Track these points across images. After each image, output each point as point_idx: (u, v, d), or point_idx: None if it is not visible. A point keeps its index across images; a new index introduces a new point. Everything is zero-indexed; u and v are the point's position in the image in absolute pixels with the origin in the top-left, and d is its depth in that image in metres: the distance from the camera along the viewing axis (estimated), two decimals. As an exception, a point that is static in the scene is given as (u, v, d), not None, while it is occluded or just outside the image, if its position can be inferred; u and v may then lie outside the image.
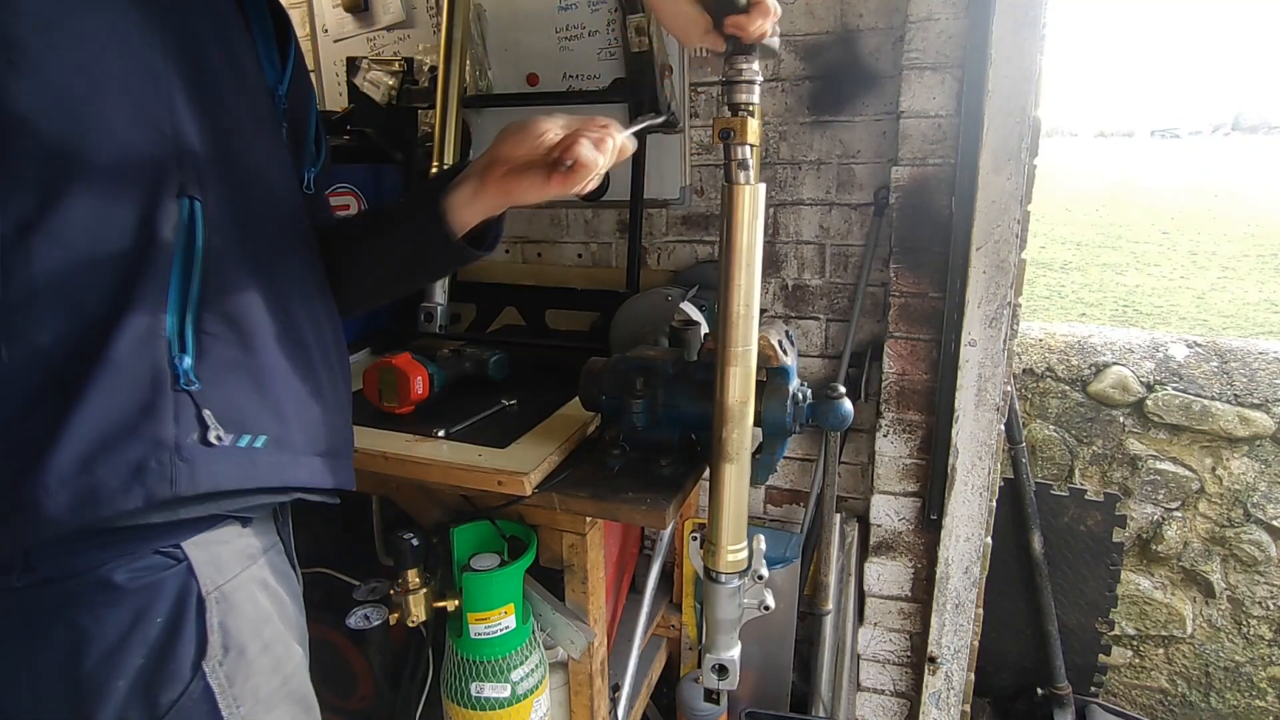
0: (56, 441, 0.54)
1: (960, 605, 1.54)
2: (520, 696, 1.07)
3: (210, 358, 0.61)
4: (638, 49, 1.50)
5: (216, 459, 0.61)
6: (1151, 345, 1.78)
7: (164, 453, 0.58)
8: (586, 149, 0.67)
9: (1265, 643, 1.76)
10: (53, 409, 0.55)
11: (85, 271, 0.56)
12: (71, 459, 0.54)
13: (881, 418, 1.54)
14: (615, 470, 1.07)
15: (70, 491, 0.54)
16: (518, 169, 0.72)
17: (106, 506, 0.56)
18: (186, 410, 0.60)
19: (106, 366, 0.56)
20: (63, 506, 0.54)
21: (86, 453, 0.55)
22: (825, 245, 1.60)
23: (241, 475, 0.63)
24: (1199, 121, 15.00)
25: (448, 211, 0.74)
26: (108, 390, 0.56)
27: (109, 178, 0.57)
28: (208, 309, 0.62)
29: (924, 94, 1.38)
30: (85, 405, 0.55)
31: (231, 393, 0.63)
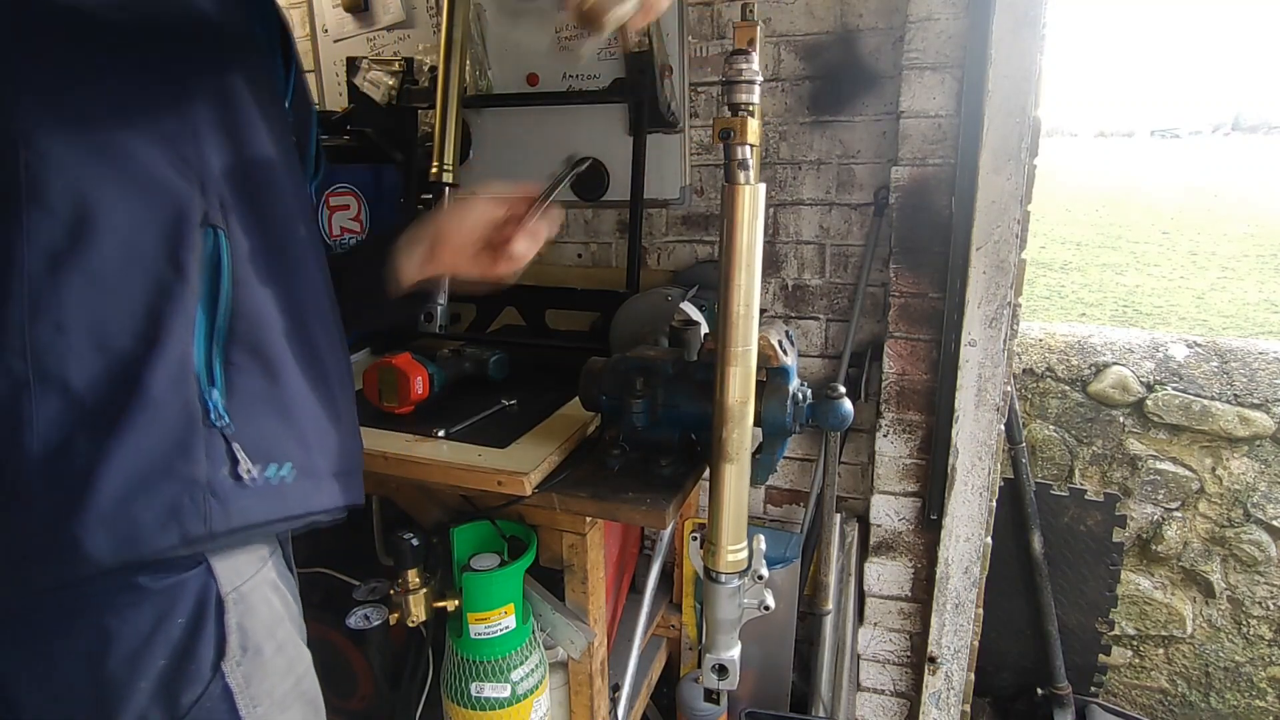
0: (94, 481, 0.54)
1: (960, 605, 1.54)
2: (520, 696, 1.07)
3: (238, 390, 0.62)
4: (638, 49, 1.50)
5: (247, 494, 0.62)
6: (1151, 345, 1.78)
7: (198, 491, 0.59)
8: (522, 245, 0.81)
9: (1265, 643, 1.76)
10: (88, 448, 0.55)
11: (114, 306, 0.56)
12: (110, 499, 0.55)
13: (881, 418, 1.54)
14: (615, 470, 1.06)
15: (109, 532, 0.55)
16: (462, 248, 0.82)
17: (144, 546, 0.57)
18: (217, 446, 0.60)
19: (140, 404, 0.56)
20: (102, 546, 0.55)
21: (124, 493, 0.56)
22: (825, 245, 1.60)
23: (271, 508, 0.64)
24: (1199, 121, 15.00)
25: (396, 273, 0.82)
26: (142, 429, 0.56)
27: (135, 209, 0.57)
28: (234, 341, 0.62)
29: (924, 94, 1.38)
30: (121, 445, 0.55)
31: (259, 424, 0.63)
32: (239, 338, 0.62)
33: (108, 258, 0.56)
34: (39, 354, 0.53)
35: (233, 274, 0.62)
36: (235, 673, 0.64)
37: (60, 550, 0.54)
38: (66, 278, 0.54)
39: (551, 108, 1.63)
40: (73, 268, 0.54)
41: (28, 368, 0.53)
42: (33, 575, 0.55)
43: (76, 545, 0.54)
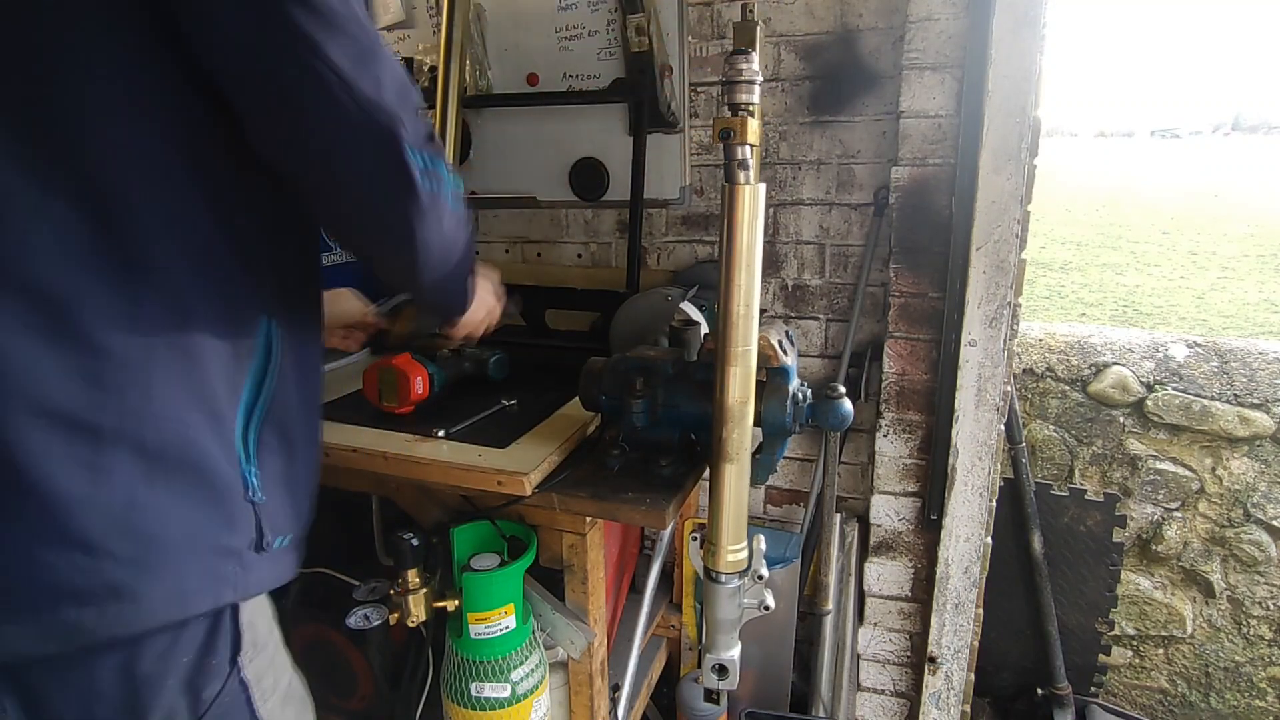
0: (161, 542, 0.59)
1: (960, 605, 1.54)
2: (520, 696, 1.07)
3: (265, 468, 0.67)
4: (638, 49, 1.50)
5: (264, 564, 0.68)
6: (1151, 345, 1.78)
7: (231, 562, 0.64)
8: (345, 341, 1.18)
9: (1265, 643, 1.76)
10: (155, 510, 0.59)
11: (191, 382, 0.61)
12: (171, 561, 0.60)
13: (881, 418, 1.54)
14: (615, 470, 1.06)
15: (165, 590, 0.60)
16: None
17: (188, 607, 0.62)
18: (249, 520, 0.66)
19: (199, 475, 0.61)
20: (158, 605, 0.59)
21: (180, 557, 0.60)
22: (825, 245, 1.60)
23: (277, 576, 0.70)
24: (1199, 121, 14.99)
25: None
26: (199, 499, 0.62)
27: (220, 301, 0.63)
28: (268, 421, 0.67)
29: (924, 94, 1.38)
30: (181, 512, 0.60)
31: (277, 500, 0.69)
32: (272, 420, 0.68)
33: (193, 341, 0.61)
34: (126, 416, 0.57)
35: (279, 360, 0.68)
36: (249, 667, 0.68)
37: (123, 604, 0.57)
38: (161, 353, 0.59)
39: (551, 108, 1.63)
40: (168, 345, 0.59)
41: (123, 427, 0.57)
42: (87, 624, 0.57)
43: (139, 601, 0.58)
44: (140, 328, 0.58)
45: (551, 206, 1.77)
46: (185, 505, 0.61)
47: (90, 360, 0.56)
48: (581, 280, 1.70)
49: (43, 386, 0.54)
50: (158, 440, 0.59)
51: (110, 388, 0.57)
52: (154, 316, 0.58)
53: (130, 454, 0.57)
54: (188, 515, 0.61)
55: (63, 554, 0.55)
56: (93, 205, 0.56)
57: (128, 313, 0.57)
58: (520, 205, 1.77)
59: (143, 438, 0.58)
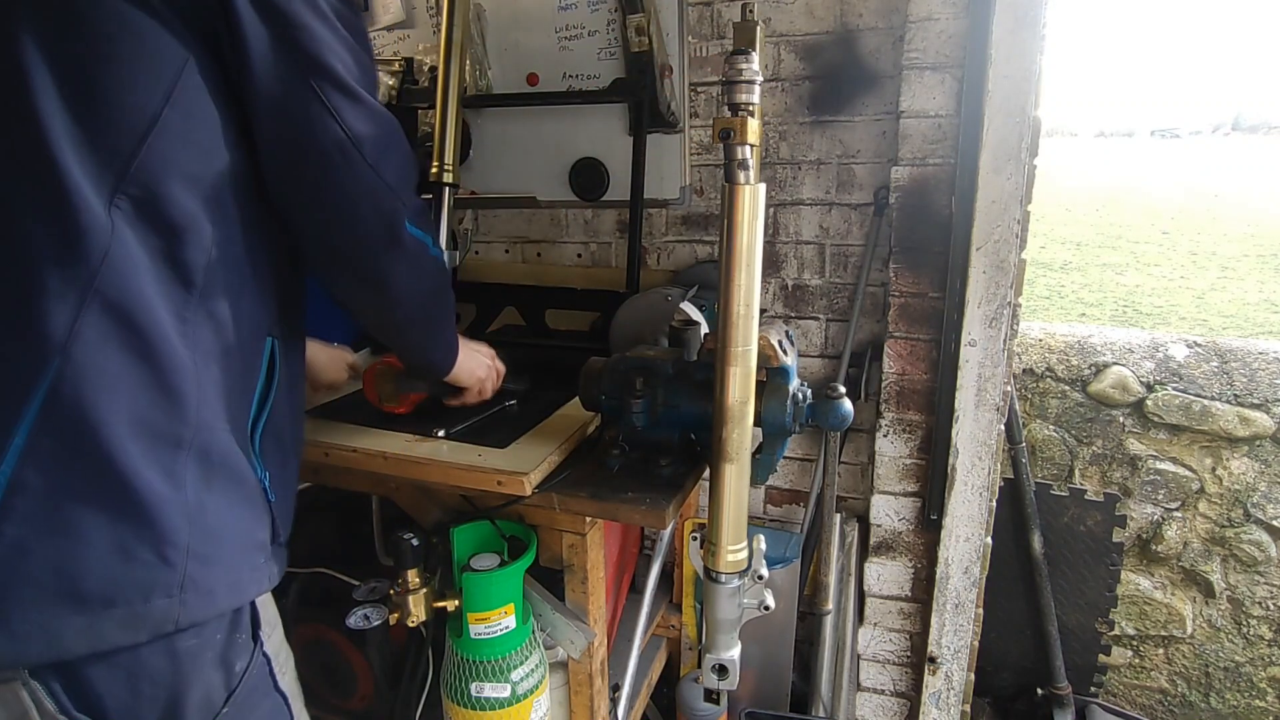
0: (222, 541, 0.66)
1: (960, 605, 1.54)
2: (520, 696, 1.07)
3: (271, 474, 0.75)
4: (638, 49, 1.50)
5: (279, 558, 0.76)
6: (1151, 345, 1.78)
7: (263, 554, 0.72)
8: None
9: (1265, 643, 1.76)
10: (216, 511, 0.66)
11: (229, 392, 0.69)
12: (230, 558, 0.67)
13: (881, 418, 1.54)
14: (615, 470, 1.06)
15: (227, 582, 0.67)
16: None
17: (242, 596, 0.70)
18: (268, 518, 0.74)
19: (239, 479, 0.69)
20: (223, 594, 0.66)
21: (234, 551, 0.68)
22: (825, 245, 1.60)
23: (283, 568, 0.78)
24: (1199, 121, 14.99)
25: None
26: (242, 499, 0.70)
27: (248, 317, 0.71)
28: (267, 432, 0.74)
29: (924, 94, 1.38)
30: (233, 510, 0.68)
31: (282, 500, 0.77)
32: (270, 430, 0.75)
33: (226, 354, 0.68)
34: (191, 425, 0.64)
35: (280, 377, 0.76)
36: (268, 642, 0.75)
37: (200, 595, 0.64)
38: (207, 367, 0.66)
39: (551, 108, 1.63)
40: (208, 358, 0.67)
41: (193, 438, 0.64)
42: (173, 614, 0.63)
43: (213, 592, 0.65)
44: (189, 342, 0.64)
45: (551, 206, 1.77)
46: (232, 505, 0.68)
47: (162, 374, 0.63)
48: (581, 280, 1.69)
49: (134, 398, 0.61)
50: (211, 446, 0.66)
51: (178, 399, 0.63)
52: (198, 332, 0.65)
53: (196, 460, 0.64)
54: (235, 514, 0.68)
55: (155, 551, 0.61)
56: (166, 230, 0.63)
57: (180, 330, 0.64)
58: (520, 205, 1.77)
59: (204, 444, 0.65)
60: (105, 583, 0.60)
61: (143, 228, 0.62)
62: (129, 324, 0.61)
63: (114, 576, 0.60)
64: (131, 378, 0.61)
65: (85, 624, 0.59)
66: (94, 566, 0.59)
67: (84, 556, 0.59)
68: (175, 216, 0.63)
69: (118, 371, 0.60)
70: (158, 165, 0.62)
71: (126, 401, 0.60)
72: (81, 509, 0.59)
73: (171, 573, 0.62)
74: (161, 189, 0.62)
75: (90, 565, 0.59)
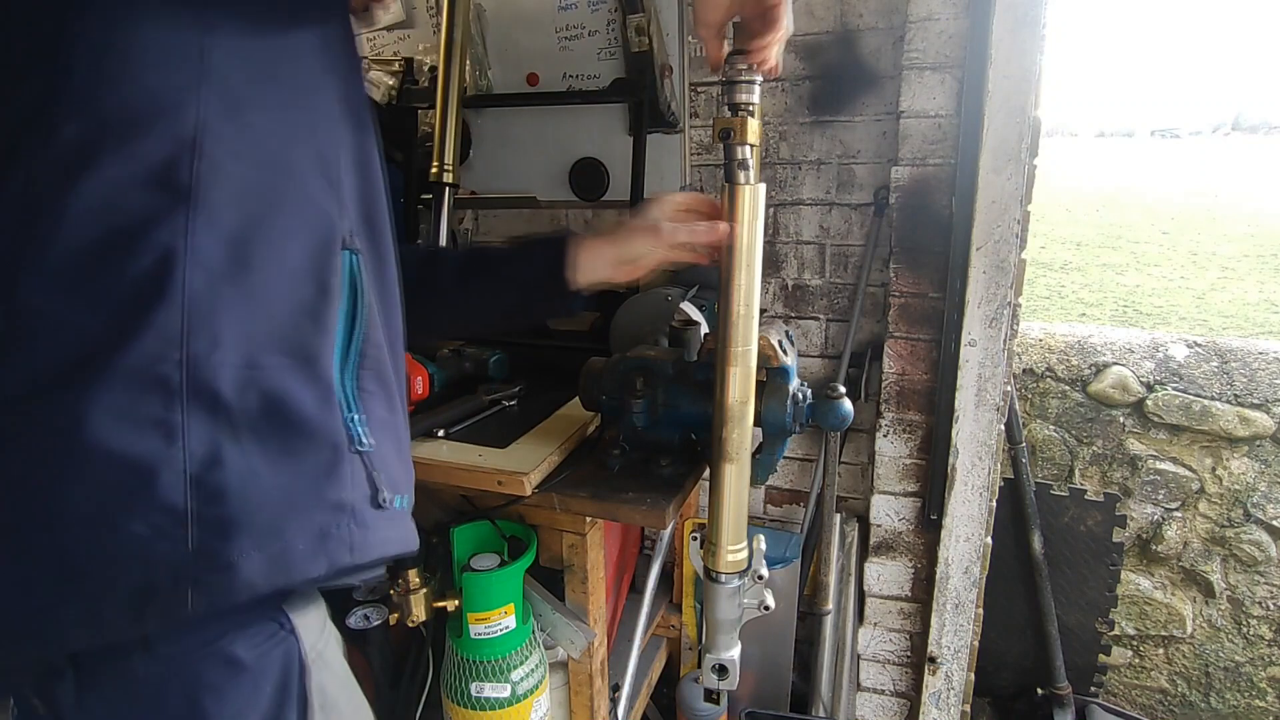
0: (248, 502, 0.52)
1: (960, 605, 1.54)
2: (520, 696, 1.07)
3: (370, 417, 0.60)
4: (638, 49, 1.50)
5: (384, 523, 0.60)
6: (1151, 345, 1.78)
7: (343, 518, 0.57)
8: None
9: (1265, 643, 1.76)
10: (240, 466, 0.52)
11: (267, 325, 0.54)
12: (264, 521, 0.52)
13: (881, 418, 1.54)
14: (615, 470, 1.06)
15: (265, 556, 0.52)
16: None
17: (296, 573, 0.54)
18: (359, 472, 0.59)
19: (290, 426, 0.54)
20: (256, 571, 0.52)
21: (276, 515, 0.53)
22: (825, 245, 1.60)
23: (401, 539, 0.63)
24: (1199, 121, 15.00)
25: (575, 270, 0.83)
26: (292, 450, 0.54)
27: (292, 229, 0.56)
28: (364, 367, 0.61)
29: (924, 94, 1.38)
30: (272, 465, 0.53)
31: (386, 453, 0.62)
32: (369, 364, 0.61)
33: (265, 276, 0.54)
34: (194, 366, 0.50)
35: (366, 298, 0.61)
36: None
37: (215, 573, 0.51)
38: (225, 292, 0.52)
39: (551, 108, 1.63)
40: (232, 282, 0.52)
41: (183, 379, 0.50)
42: (175, 604, 0.50)
43: (232, 569, 0.51)
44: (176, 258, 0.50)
45: (551, 206, 1.77)
46: (277, 461, 0.54)
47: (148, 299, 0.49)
48: (582, 280, 1.69)
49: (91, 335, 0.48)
50: (233, 390, 0.52)
51: (168, 337, 0.50)
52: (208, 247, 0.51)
53: (203, 408, 0.50)
54: (280, 471, 0.54)
55: (148, 521, 0.49)
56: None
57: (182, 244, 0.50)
58: (520, 205, 1.77)
59: (215, 388, 0.51)
60: (97, 560, 0.49)
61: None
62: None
63: (107, 551, 0.49)
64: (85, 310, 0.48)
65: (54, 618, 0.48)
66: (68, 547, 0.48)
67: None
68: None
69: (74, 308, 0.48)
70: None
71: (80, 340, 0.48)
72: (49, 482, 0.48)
73: (173, 547, 0.49)
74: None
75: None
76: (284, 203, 0.55)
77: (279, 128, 0.56)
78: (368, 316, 0.61)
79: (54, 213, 0.47)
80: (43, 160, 0.48)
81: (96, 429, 0.48)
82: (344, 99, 0.61)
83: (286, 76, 0.56)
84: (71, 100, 0.48)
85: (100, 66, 0.49)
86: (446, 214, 1.39)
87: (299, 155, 0.57)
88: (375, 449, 0.60)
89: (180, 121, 0.50)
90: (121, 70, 0.49)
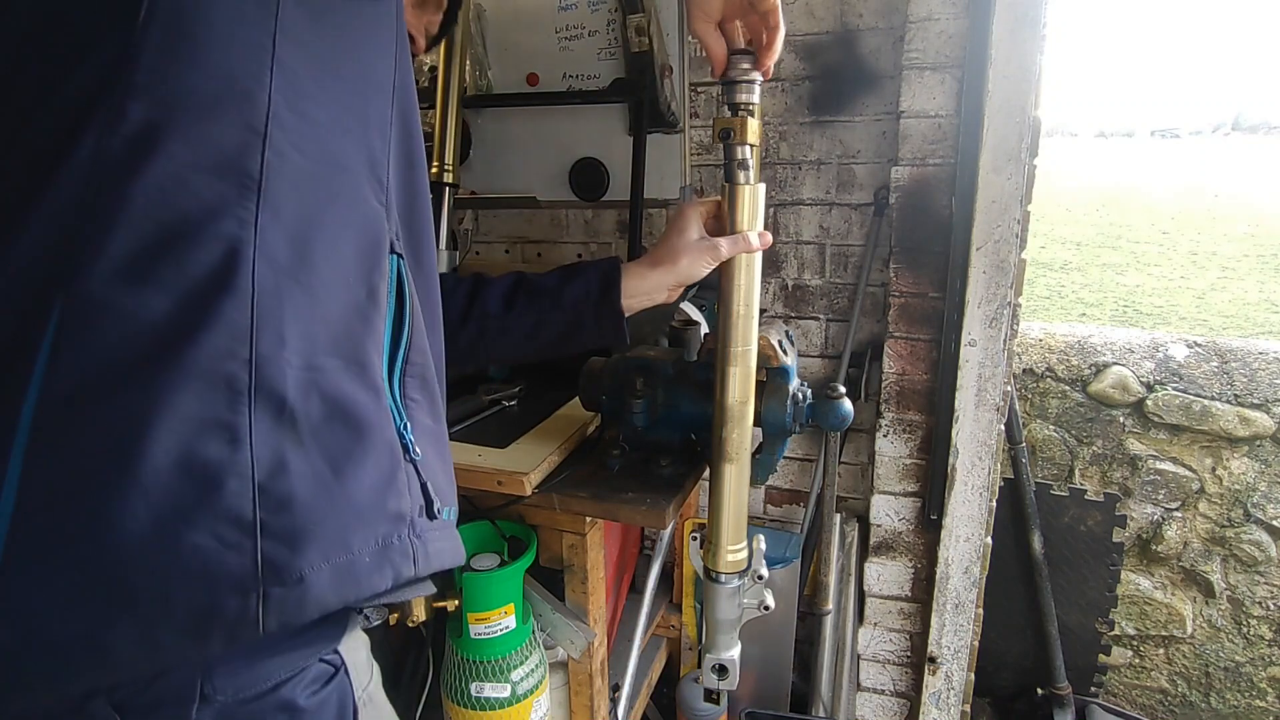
0: (316, 511, 0.48)
1: (960, 605, 1.54)
2: (520, 696, 1.07)
3: (416, 425, 0.58)
4: (638, 49, 1.50)
5: (439, 535, 0.58)
6: (1151, 345, 1.78)
7: (403, 528, 0.54)
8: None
9: (1265, 643, 1.76)
10: (305, 473, 0.49)
11: (325, 326, 0.51)
12: (332, 531, 0.49)
13: (881, 418, 1.54)
14: (615, 470, 1.06)
15: (333, 568, 0.49)
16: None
17: (364, 586, 0.51)
18: (414, 482, 0.56)
19: (353, 431, 0.51)
20: (327, 586, 0.48)
21: (342, 526, 0.50)
22: (825, 245, 1.60)
23: (454, 550, 0.60)
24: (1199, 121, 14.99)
25: (624, 292, 0.82)
26: (356, 458, 0.51)
27: (346, 228, 0.53)
28: (408, 374, 0.59)
29: (924, 94, 1.38)
30: (338, 473, 0.50)
31: (433, 463, 0.60)
32: (413, 371, 0.59)
33: (323, 275, 0.51)
34: (261, 365, 0.47)
35: (411, 303, 0.59)
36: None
37: (286, 589, 0.47)
38: (289, 289, 0.49)
39: (551, 108, 1.63)
40: (294, 279, 0.49)
41: (250, 378, 0.46)
42: (243, 624, 0.46)
43: (303, 583, 0.47)
44: (245, 253, 0.47)
45: (551, 206, 1.77)
46: (343, 469, 0.50)
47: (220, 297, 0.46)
48: (581, 280, 1.69)
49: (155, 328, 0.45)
50: (298, 392, 0.48)
51: (237, 332, 0.46)
52: (266, 241, 0.48)
53: (269, 410, 0.47)
54: (346, 480, 0.51)
55: (213, 532, 0.45)
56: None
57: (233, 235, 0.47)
58: (520, 205, 1.77)
59: (281, 390, 0.48)
60: (154, 575, 0.44)
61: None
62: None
63: (167, 568, 0.44)
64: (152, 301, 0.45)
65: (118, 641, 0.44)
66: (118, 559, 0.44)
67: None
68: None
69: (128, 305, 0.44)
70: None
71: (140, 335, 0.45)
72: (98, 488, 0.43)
73: (240, 559, 0.45)
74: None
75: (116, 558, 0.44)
76: (339, 200, 0.53)
77: (337, 124, 0.54)
78: (412, 323, 0.59)
79: (118, 197, 0.44)
80: (107, 141, 0.45)
81: (159, 432, 0.44)
82: (397, 103, 0.60)
83: (347, 75, 0.55)
84: (141, 79, 0.45)
85: (173, 47, 0.46)
86: (447, 214, 1.39)
87: (353, 153, 0.55)
88: (424, 458, 0.58)
89: (253, 108, 0.48)
90: (193, 52, 0.47)
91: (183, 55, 0.47)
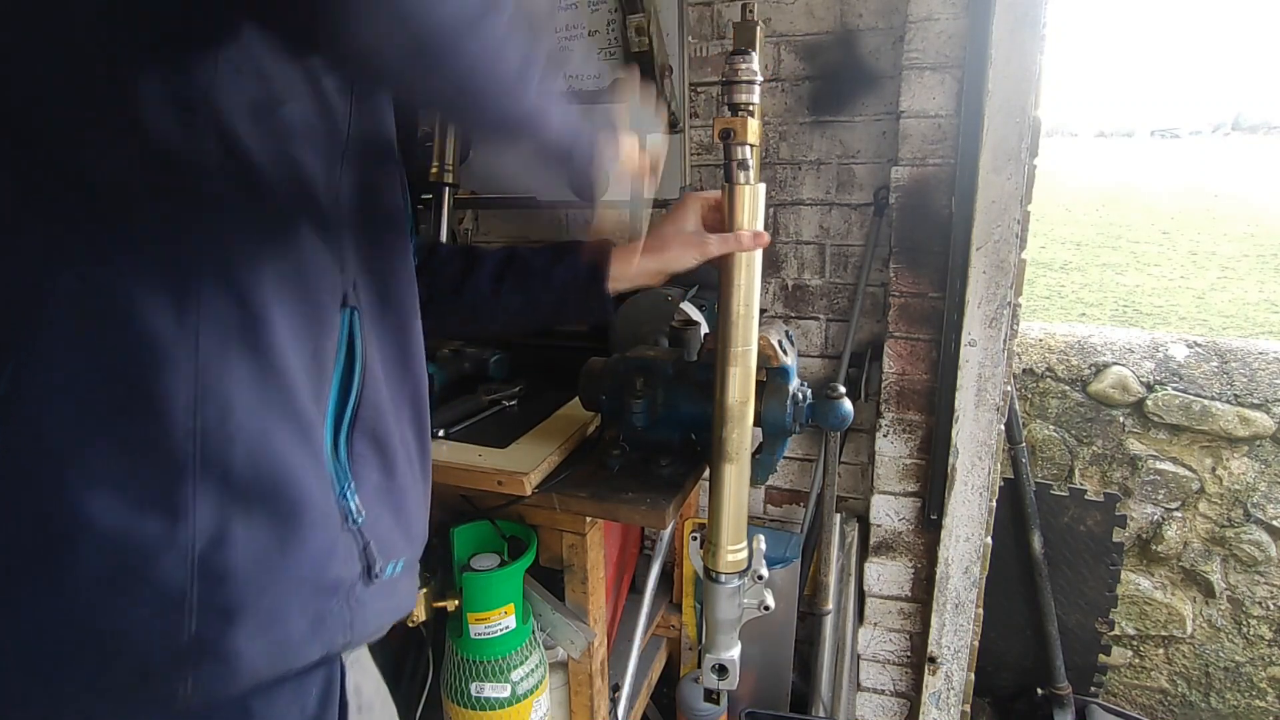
0: (254, 585, 0.49)
1: (960, 605, 1.54)
2: (520, 696, 1.07)
3: (362, 484, 0.57)
4: (638, 49, 1.50)
5: (376, 597, 0.58)
6: (1151, 345, 1.78)
7: (338, 599, 0.55)
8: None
9: (1265, 643, 1.76)
10: (246, 546, 0.48)
11: (270, 393, 0.50)
12: (269, 605, 0.50)
13: (881, 418, 1.54)
14: (615, 470, 1.06)
15: (267, 642, 0.50)
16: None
17: (293, 658, 0.52)
18: (353, 548, 0.56)
19: (293, 505, 0.51)
20: (260, 658, 0.50)
21: (280, 599, 0.50)
22: (825, 245, 1.60)
23: (393, 609, 0.61)
24: (1199, 121, 14.97)
25: (611, 275, 0.83)
26: (294, 531, 0.51)
27: (293, 290, 0.52)
28: (357, 430, 0.57)
29: (924, 94, 1.38)
30: (279, 546, 0.50)
31: (380, 520, 0.59)
32: (362, 426, 0.57)
33: (271, 336, 0.50)
34: (205, 437, 0.47)
35: (364, 358, 0.57)
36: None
37: (218, 662, 0.48)
38: (235, 358, 0.48)
39: (551, 108, 1.63)
40: (241, 347, 0.48)
41: (195, 451, 0.46)
42: (167, 694, 0.47)
43: (237, 657, 0.48)
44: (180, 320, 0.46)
45: (551, 206, 1.77)
46: (278, 538, 0.50)
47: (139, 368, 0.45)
48: (581, 280, 1.69)
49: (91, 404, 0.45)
50: (244, 463, 0.48)
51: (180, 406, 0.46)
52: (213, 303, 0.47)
53: (214, 482, 0.47)
54: (285, 553, 0.50)
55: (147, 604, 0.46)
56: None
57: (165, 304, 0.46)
58: (520, 205, 1.77)
59: (228, 461, 0.47)
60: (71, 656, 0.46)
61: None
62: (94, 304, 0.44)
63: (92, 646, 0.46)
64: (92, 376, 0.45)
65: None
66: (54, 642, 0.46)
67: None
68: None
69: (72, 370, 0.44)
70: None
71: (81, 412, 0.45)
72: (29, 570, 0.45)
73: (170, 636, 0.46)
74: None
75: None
76: (286, 264, 0.52)
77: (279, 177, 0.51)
78: (364, 378, 0.57)
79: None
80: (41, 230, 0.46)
81: (94, 508, 0.44)
82: (358, 136, 0.57)
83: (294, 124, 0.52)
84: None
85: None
86: (446, 214, 1.39)
87: (299, 211, 0.53)
88: (367, 519, 0.57)
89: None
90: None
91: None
